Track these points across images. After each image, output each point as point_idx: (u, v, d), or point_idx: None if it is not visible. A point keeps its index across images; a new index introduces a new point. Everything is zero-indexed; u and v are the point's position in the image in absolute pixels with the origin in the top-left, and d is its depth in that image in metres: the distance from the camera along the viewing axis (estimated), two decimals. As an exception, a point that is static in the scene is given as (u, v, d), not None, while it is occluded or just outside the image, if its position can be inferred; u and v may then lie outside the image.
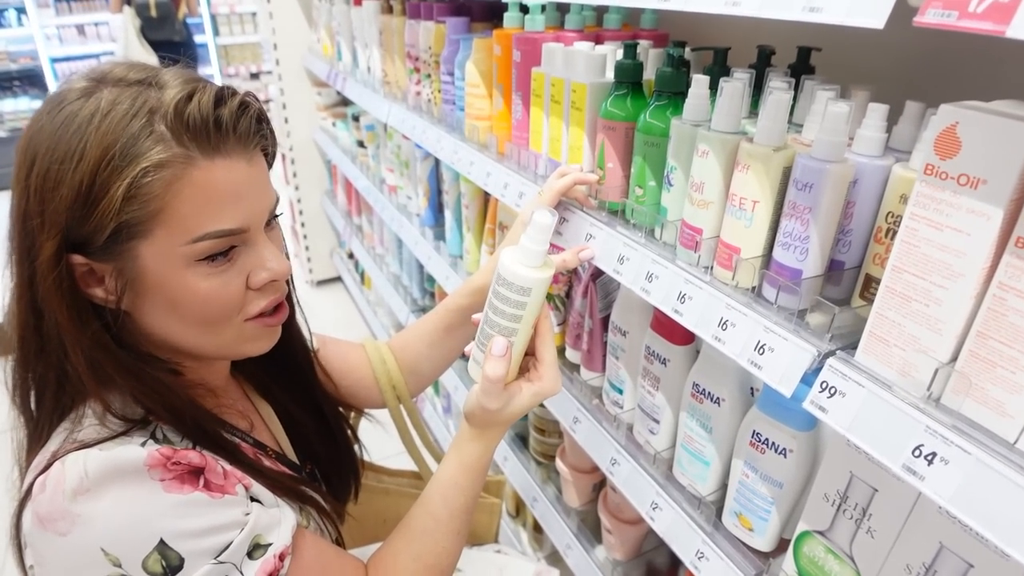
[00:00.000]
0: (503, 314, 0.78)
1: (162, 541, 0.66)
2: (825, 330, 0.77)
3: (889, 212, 0.77)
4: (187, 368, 0.80)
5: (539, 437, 1.72)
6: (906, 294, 0.66)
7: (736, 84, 0.83)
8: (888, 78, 1.12)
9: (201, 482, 0.70)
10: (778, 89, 0.80)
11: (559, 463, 1.57)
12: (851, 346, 0.75)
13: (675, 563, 1.57)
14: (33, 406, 0.76)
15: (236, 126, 0.71)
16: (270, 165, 0.81)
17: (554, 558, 1.87)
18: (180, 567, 0.67)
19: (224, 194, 0.71)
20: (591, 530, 1.52)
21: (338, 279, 4.03)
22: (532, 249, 0.75)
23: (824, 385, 0.72)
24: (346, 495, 1.09)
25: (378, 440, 1.26)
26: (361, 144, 2.75)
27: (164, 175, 0.66)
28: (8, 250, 0.72)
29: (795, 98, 0.93)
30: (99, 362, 0.71)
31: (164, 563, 0.66)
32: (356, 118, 2.76)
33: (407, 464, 1.30)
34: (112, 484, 0.65)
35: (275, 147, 0.82)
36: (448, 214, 1.94)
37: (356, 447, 1.13)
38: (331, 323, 3.59)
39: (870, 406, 0.68)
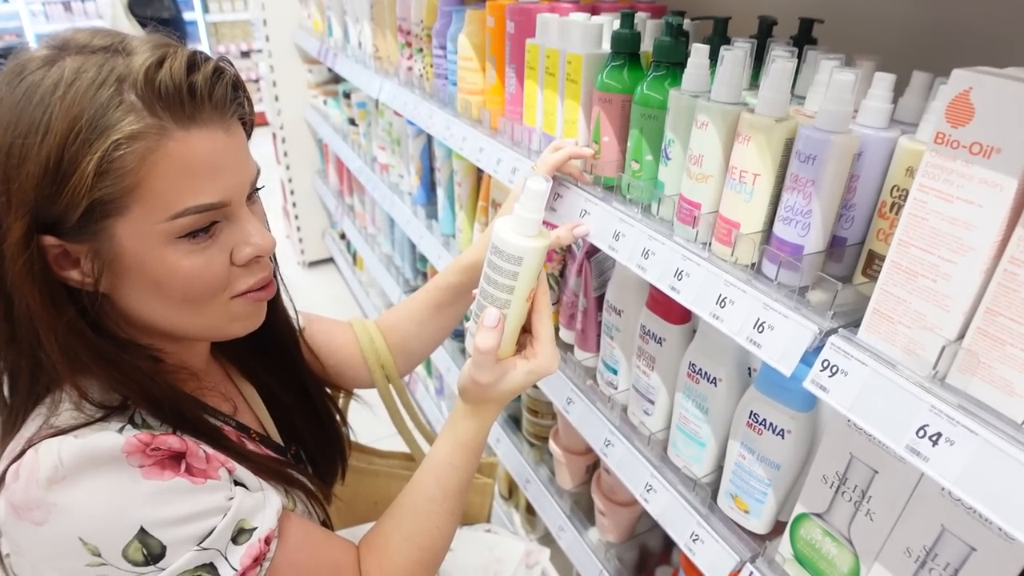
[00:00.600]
0: (496, 284, 0.76)
1: (142, 529, 0.63)
2: (827, 307, 0.74)
3: (895, 186, 0.75)
4: (167, 353, 0.77)
5: (532, 418, 1.70)
6: (913, 269, 0.64)
7: (738, 52, 0.80)
8: (890, 53, 1.09)
9: (182, 467, 0.68)
10: (781, 57, 0.77)
11: (552, 445, 1.56)
12: (853, 324, 0.72)
13: (668, 546, 1.56)
14: (6, 393, 0.73)
15: (211, 93, 0.68)
16: (248, 135, 0.77)
17: (546, 540, 1.86)
18: (162, 555, 0.64)
19: (202, 166, 0.67)
20: (584, 512, 1.51)
21: (330, 260, 4.00)
22: (526, 217, 0.72)
23: (825, 364, 0.70)
24: (332, 477, 1.07)
25: (368, 423, 1.24)
26: (352, 122, 2.71)
27: (137, 148, 0.63)
28: None
29: (797, 69, 0.90)
30: (74, 350, 0.67)
31: (145, 551, 0.63)
32: (347, 95, 2.71)
33: (398, 446, 1.28)
34: (88, 472, 0.63)
35: (253, 116, 0.78)
36: (440, 192, 1.90)
37: (344, 428, 1.11)
38: (323, 305, 3.56)
39: (873, 385, 0.66)
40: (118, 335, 0.72)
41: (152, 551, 0.64)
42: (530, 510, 1.91)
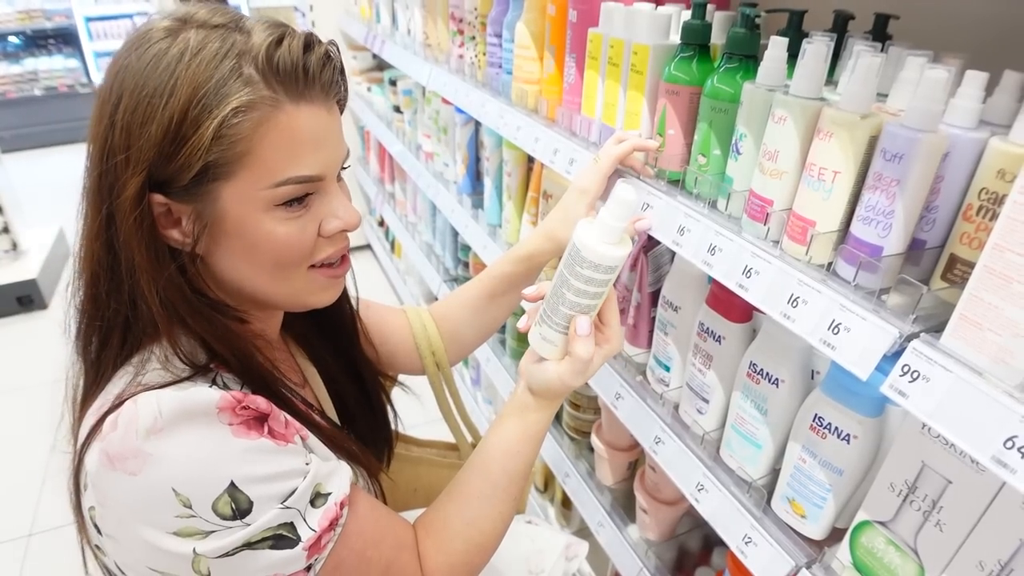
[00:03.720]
0: (585, 294, 0.77)
1: (232, 483, 0.65)
2: (907, 311, 0.72)
3: (983, 188, 0.72)
4: (252, 317, 0.80)
5: (573, 412, 1.69)
6: (1007, 274, 0.61)
7: (819, 46, 0.78)
8: (966, 51, 1.06)
9: (265, 429, 0.70)
10: (867, 52, 0.75)
11: (595, 439, 1.55)
12: (933, 329, 0.70)
13: (708, 547, 1.55)
14: (95, 349, 0.75)
15: (321, 74, 0.72)
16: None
17: (580, 534, 1.86)
18: (249, 511, 0.65)
19: (306, 140, 0.71)
20: (623, 508, 1.50)
21: (367, 247, 4.03)
22: (612, 226, 0.73)
23: (906, 369, 0.68)
24: (380, 462, 1.08)
25: (406, 409, 1.23)
26: (397, 109, 2.71)
27: (253, 117, 0.67)
28: (83, 190, 0.72)
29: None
30: (173, 303, 0.71)
31: (234, 506, 0.65)
32: (393, 82, 2.72)
33: (432, 434, 1.28)
34: (185, 425, 0.64)
35: (347, 100, 0.82)
36: (488, 182, 1.89)
37: (390, 415, 1.11)
38: (360, 291, 3.58)
39: (957, 393, 0.64)
40: (209, 296, 0.75)
41: (240, 506, 0.65)
42: (566, 504, 1.90)
